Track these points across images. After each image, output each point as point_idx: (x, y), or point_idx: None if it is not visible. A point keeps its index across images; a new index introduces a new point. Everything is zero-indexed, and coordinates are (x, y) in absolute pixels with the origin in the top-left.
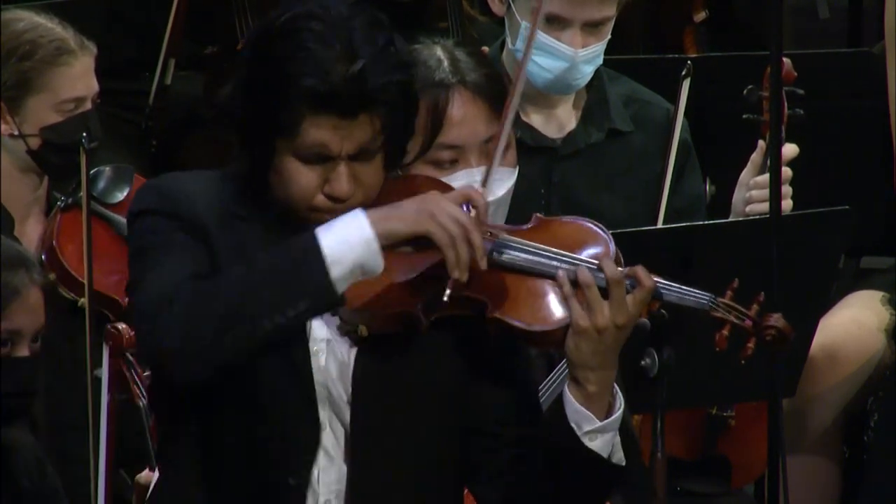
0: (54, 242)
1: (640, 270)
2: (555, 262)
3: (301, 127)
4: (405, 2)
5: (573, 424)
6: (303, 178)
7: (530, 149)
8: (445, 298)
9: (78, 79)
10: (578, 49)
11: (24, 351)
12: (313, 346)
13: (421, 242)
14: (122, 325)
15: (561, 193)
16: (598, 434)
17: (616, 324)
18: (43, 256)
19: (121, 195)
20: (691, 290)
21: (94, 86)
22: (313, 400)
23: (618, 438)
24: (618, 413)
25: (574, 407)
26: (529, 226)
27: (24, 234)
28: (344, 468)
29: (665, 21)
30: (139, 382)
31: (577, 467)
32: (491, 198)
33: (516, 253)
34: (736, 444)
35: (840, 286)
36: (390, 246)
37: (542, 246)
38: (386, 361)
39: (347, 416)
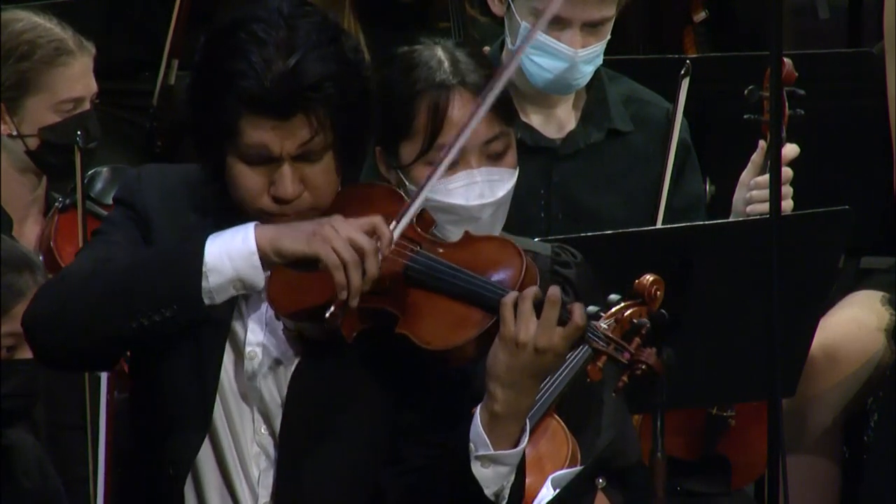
0: (52, 243)
1: (577, 307)
2: (473, 286)
3: (240, 128)
4: (406, 2)
5: (471, 444)
6: (248, 180)
7: (530, 149)
8: (328, 315)
9: (76, 79)
10: (578, 49)
11: (26, 353)
12: (247, 349)
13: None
14: None
15: (561, 194)
16: (491, 463)
17: (536, 345)
18: (41, 257)
19: None
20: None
21: (92, 86)
22: (209, 396)
23: (511, 481)
24: (519, 448)
25: (476, 427)
26: (455, 241)
27: (22, 234)
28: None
29: (665, 21)
30: None
31: (456, 487)
32: (491, 199)
33: (432, 271)
34: (736, 444)
35: (840, 286)
36: (286, 265)
37: (458, 268)
38: (321, 368)
39: (279, 420)
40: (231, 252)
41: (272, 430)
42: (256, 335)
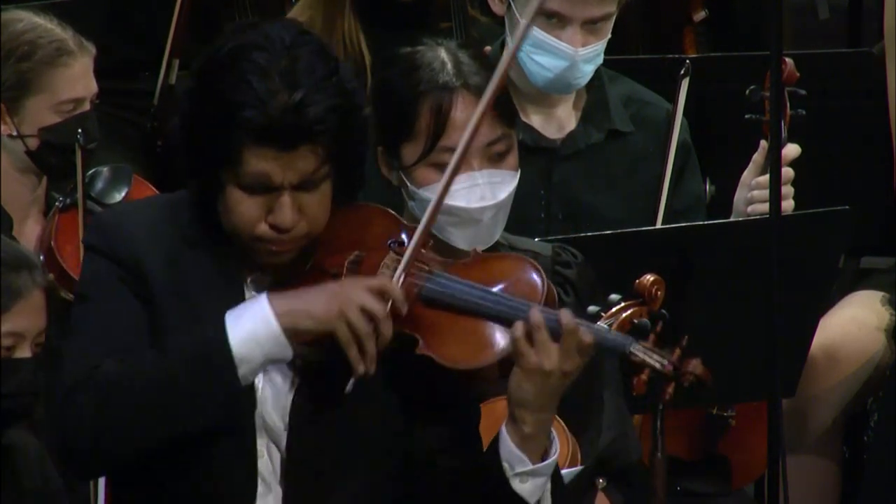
0: (52, 243)
1: (563, 313)
2: (492, 303)
3: (242, 158)
4: (407, 2)
5: (505, 464)
6: (245, 207)
7: (530, 149)
8: (347, 390)
9: (77, 80)
10: (578, 48)
11: (25, 352)
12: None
13: None
14: None
15: (561, 194)
16: (529, 477)
17: (563, 369)
18: (41, 257)
19: (119, 195)
20: (614, 332)
21: (92, 87)
22: (252, 443)
23: (549, 486)
24: (552, 458)
25: (509, 447)
26: (467, 260)
27: (22, 234)
28: (280, 494)
29: (664, 21)
30: None
31: None
32: (492, 202)
33: (451, 291)
34: (736, 444)
35: (840, 286)
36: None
37: (478, 285)
38: (325, 390)
39: (283, 443)
40: (258, 337)
41: (271, 455)
42: None
